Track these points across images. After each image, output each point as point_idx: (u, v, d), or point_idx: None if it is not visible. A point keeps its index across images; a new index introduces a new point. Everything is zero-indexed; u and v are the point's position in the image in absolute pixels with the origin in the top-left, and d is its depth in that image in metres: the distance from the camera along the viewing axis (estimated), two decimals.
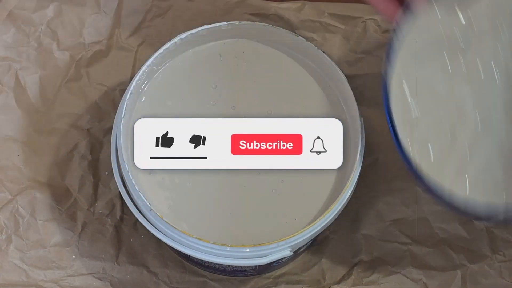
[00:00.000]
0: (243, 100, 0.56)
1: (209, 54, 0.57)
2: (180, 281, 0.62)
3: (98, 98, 0.65)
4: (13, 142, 0.64)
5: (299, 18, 0.65)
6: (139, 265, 0.62)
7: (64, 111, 0.65)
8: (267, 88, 0.57)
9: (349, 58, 0.65)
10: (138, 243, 0.63)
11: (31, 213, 0.62)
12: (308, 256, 0.63)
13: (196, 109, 0.56)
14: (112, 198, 0.63)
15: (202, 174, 0.55)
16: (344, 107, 0.56)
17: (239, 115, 0.56)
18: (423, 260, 0.63)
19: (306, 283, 0.62)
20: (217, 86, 0.57)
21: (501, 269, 0.62)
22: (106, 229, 0.63)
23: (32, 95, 0.65)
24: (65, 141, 0.64)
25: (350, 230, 0.63)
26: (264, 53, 0.58)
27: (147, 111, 0.56)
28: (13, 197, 0.63)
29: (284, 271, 0.63)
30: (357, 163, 0.53)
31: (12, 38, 0.65)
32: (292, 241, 0.51)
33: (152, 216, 0.52)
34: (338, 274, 0.63)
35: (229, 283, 0.62)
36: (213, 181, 0.55)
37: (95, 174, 0.64)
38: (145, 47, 0.66)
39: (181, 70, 0.57)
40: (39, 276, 0.61)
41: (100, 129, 0.65)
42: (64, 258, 0.62)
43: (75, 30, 0.66)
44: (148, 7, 0.66)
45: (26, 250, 0.62)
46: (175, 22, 0.66)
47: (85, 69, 0.66)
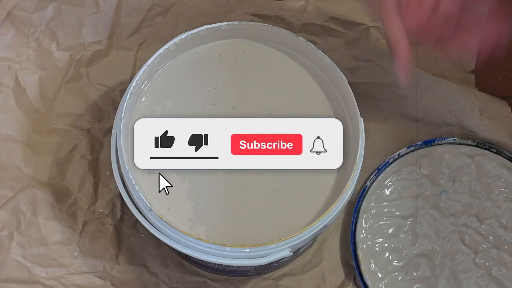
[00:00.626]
0: (243, 100, 0.56)
1: (209, 54, 0.57)
2: (180, 281, 0.62)
3: (98, 98, 0.65)
4: (13, 142, 0.64)
5: (301, 21, 0.65)
6: (139, 265, 0.63)
7: (64, 111, 0.65)
8: (267, 88, 0.57)
9: (350, 65, 0.65)
10: (138, 243, 0.63)
11: (32, 211, 0.62)
12: (308, 257, 0.63)
13: (196, 109, 0.56)
14: (112, 198, 0.63)
15: (202, 174, 0.55)
16: (344, 107, 0.56)
17: (239, 115, 0.56)
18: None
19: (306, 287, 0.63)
20: (217, 86, 0.57)
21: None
22: (107, 228, 0.63)
23: (32, 95, 0.65)
24: (65, 141, 0.64)
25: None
26: (264, 53, 0.57)
27: (147, 111, 0.56)
28: (14, 195, 0.63)
29: (284, 271, 0.63)
30: (357, 163, 0.53)
31: (11, 38, 0.65)
32: (292, 241, 0.51)
33: (152, 216, 0.52)
34: (338, 278, 0.63)
35: (229, 283, 0.62)
36: (213, 181, 0.55)
37: (95, 174, 0.64)
38: (146, 46, 0.66)
39: (181, 70, 0.57)
40: (40, 273, 0.62)
41: (100, 129, 0.65)
42: (65, 256, 0.62)
43: (74, 30, 0.65)
44: (149, 6, 0.66)
45: (27, 247, 0.62)
46: (177, 21, 0.66)
47: (85, 69, 0.66)
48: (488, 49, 0.52)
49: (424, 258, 0.61)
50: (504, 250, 0.61)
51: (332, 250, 0.63)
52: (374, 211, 0.62)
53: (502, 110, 0.64)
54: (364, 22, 0.65)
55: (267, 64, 0.57)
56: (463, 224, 0.62)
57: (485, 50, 0.52)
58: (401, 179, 0.63)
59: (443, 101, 0.64)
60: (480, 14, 0.51)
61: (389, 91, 0.65)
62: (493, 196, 0.62)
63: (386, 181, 0.63)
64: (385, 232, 0.62)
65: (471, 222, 0.62)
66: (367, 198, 0.63)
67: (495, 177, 0.63)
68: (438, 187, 0.63)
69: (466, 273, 0.61)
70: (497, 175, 0.63)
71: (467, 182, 0.63)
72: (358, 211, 0.62)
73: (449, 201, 0.62)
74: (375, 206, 0.63)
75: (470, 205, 0.62)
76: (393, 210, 0.63)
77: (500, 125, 0.63)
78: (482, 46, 0.52)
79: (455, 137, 0.64)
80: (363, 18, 0.65)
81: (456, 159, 0.63)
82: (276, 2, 0.66)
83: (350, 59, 0.65)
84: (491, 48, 0.52)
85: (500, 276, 0.61)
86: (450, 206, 0.62)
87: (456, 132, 0.64)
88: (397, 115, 0.66)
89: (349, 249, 0.63)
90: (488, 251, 0.61)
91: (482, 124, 0.64)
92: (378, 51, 0.64)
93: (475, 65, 0.66)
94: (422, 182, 0.63)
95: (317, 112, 0.57)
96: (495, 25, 0.51)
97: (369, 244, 0.62)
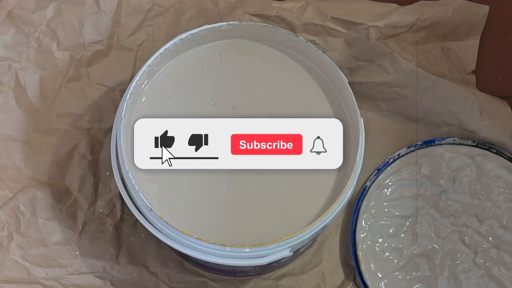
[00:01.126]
0: (243, 100, 0.56)
1: (209, 54, 0.57)
2: (180, 281, 0.62)
3: (98, 98, 0.65)
4: (13, 142, 0.64)
5: (301, 21, 0.65)
6: (139, 265, 0.63)
7: (64, 111, 0.65)
8: (267, 88, 0.57)
9: (351, 65, 0.65)
10: (138, 243, 0.63)
11: (32, 211, 0.62)
12: (308, 257, 0.63)
13: (196, 109, 0.56)
14: (112, 198, 0.63)
15: (202, 174, 0.55)
16: (344, 107, 0.56)
17: (239, 115, 0.56)
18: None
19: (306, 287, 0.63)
20: (217, 86, 0.57)
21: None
22: (106, 228, 0.63)
23: (32, 95, 0.65)
24: (65, 141, 0.64)
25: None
26: (264, 53, 0.57)
27: (147, 111, 0.56)
28: (14, 195, 0.63)
29: (284, 271, 0.63)
30: (357, 163, 0.53)
31: (12, 38, 0.65)
32: (292, 241, 0.51)
33: (152, 216, 0.52)
34: (338, 278, 0.63)
35: (229, 283, 0.62)
36: (213, 181, 0.55)
37: (95, 174, 0.64)
38: (146, 46, 0.66)
39: (181, 70, 0.57)
40: (40, 273, 0.62)
41: (100, 129, 0.65)
42: (64, 257, 0.62)
43: (75, 30, 0.65)
44: (149, 6, 0.66)
45: (27, 248, 0.62)
46: (177, 21, 0.66)
47: (85, 69, 0.66)
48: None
49: (424, 258, 0.61)
50: (504, 250, 0.61)
51: (332, 250, 0.63)
52: (374, 211, 0.62)
53: (502, 110, 0.64)
54: (364, 22, 0.65)
55: (267, 64, 0.57)
56: (463, 224, 0.62)
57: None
58: (401, 179, 0.63)
59: (443, 101, 0.64)
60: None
61: (389, 91, 0.65)
62: (493, 196, 0.62)
63: (386, 181, 0.63)
64: (385, 232, 0.62)
65: (471, 222, 0.62)
66: (367, 198, 0.63)
67: (495, 177, 0.63)
68: (438, 187, 0.63)
69: (466, 273, 0.61)
70: (497, 176, 0.63)
71: (467, 182, 0.63)
72: (358, 211, 0.62)
73: (449, 201, 0.62)
74: (375, 206, 0.63)
75: (470, 205, 0.62)
76: (393, 210, 0.63)
77: (500, 125, 0.63)
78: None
79: (455, 137, 0.64)
80: (363, 18, 0.65)
81: (456, 159, 0.63)
82: (276, 2, 0.66)
83: (350, 59, 0.65)
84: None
85: (500, 276, 0.61)
86: (450, 206, 0.62)
87: (456, 132, 0.64)
88: (397, 115, 0.66)
89: (349, 249, 0.63)
90: (488, 251, 0.61)
91: (482, 124, 0.64)
92: (378, 51, 0.64)
93: (475, 65, 0.66)
94: (422, 182, 0.63)
95: (317, 112, 0.56)
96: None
97: (369, 244, 0.62)
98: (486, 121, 0.64)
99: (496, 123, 0.64)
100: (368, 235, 0.62)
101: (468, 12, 0.65)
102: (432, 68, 0.65)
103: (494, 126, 0.64)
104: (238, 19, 0.65)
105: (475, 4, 0.66)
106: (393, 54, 0.64)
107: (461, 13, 0.65)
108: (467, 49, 0.66)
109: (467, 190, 0.63)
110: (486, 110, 0.64)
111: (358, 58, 0.65)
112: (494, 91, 0.66)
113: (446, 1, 0.66)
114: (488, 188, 0.62)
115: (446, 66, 0.66)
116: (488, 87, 0.66)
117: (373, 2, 0.66)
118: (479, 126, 0.64)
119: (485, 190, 0.62)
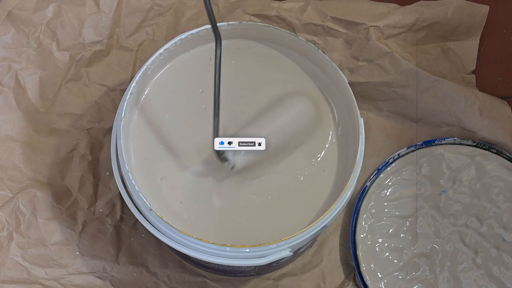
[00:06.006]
0: (242, 100, 0.56)
1: (209, 55, 0.57)
2: (180, 281, 0.62)
3: (98, 98, 0.65)
4: (13, 142, 0.64)
5: (301, 21, 0.65)
6: (139, 265, 0.63)
7: (64, 111, 0.65)
8: (266, 89, 0.57)
9: (351, 65, 0.65)
10: (138, 243, 0.63)
11: (32, 211, 0.62)
12: (308, 257, 0.63)
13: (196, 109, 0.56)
14: (112, 198, 0.63)
15: (202, 174, 0.55)
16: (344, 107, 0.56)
17: (239, 116, 0.56)
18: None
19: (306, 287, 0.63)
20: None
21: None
22: (106, 228, 0.63)
23: (32, 95, 0.65)
24: (65, 141, 0.64)
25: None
26: (264, 53, 0.57)
27: (147, 111, 0.56)
28: (14, 195, 0.63)
29: (284, 271, 0.63)
30: (357, 163, 0.53)
31: (11, 38, 0.65)
32: (292, 241, 0.51)
33: (152, 216, 0.52)
34: (338, 278, 0.63)
35: (229, 283, 0.62)
36: (213, 182, 0.55)
37: (95, 174, 0.64)
38: (146, 46, 0.66)
39: (181, 70, 0.57)
40: (40, 273, 0.62)
41: (100, 129, 0.65)
42: (64, 257, 0.62)
43: (75, 30, 0.65)
44: (149, 6, 0.66)
45: (27, 248, 0.62)
46: (177, 21, 0.66)
47: (85, 69, 0.66)
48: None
49: (424, 258, 0.62)
50: (504, 250, 0.61)
51: (332, 250, 0.63)
52: (374, 211, 0.62)
53: (502, 110, 0.64)
54: (364, 22, 0.65)
55: (267, 64, 0.57)
56: (463, 224, 0.62)
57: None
58: (401, 179, 0.63)
59: (443, 101, 0.64)
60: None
61: (389, 91, 0.65)
62: (493, 196, 0.62)
63: (386, 181, 0.63)
64: (385, 232, 0.62)
65: (471, 222, 0.62)
66: (367, 198, 0.63)
67: (495, 177, 0.63)
68: (438, 187, 0.63)
69: (466, 273, 0.61)
70: (497, 176, 0.63)
71: (467, 182, 0.63)
72: (358, 211, 0.62)
73: (449, 201, 0.62)
74: (375, 206, 0.63)
75: (470, 205, 0.62)
76: (393, 210, 0.63)
77: (500, 125, 0.63)
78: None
79: (455, 137, 0.64)
80: (363, 18, 0.65)
81: (456, 159, 0.63)
82: (276, 2, 0.66)
83: (350, 59, 0.65)
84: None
85: (500, 276, 0.61)
86: (450, 206, 0.62)
87: (456, 132, 0.64)
88: (397, 115, 0.66)
89: (349, 249, 0.63)
90: (488, 251, 0.61)
91: (482, 124, 0.64)
92: (378, 51, 0.64)
93: (475, 65, 0.66)
94: (422, 182, 0.63)
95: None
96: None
97: (369, 244, 0.62)
98: (486, 121, 0.64)
99: (496, 123, 0.64)
100: (368, 235, 0.62)
101: (468, 12, 0.65)
102: (432, 68, 0.65)
103: (494, 126, 0.64)
104: (238, 19, 0.65)
105: (475, 4, 0.66)
106: (393, 54, 0.64)
107: (461, 13, 0.65)
108: (467, 49, 0.66)
109: (467, 190, 0.63)
110: (486, 110, 0.64)
111: (358, 58, 0.65)
112: (494, 91, 0.66)
113: (446, 1, 0.66)
114: (488, 188, 0.63)
115: (446, 66, 0.66)
116: (488, 87, 0.66)
117: (373, 2, 0.66)
118: (479, 126, 0.64)
119: (485, 190, 0.62)
